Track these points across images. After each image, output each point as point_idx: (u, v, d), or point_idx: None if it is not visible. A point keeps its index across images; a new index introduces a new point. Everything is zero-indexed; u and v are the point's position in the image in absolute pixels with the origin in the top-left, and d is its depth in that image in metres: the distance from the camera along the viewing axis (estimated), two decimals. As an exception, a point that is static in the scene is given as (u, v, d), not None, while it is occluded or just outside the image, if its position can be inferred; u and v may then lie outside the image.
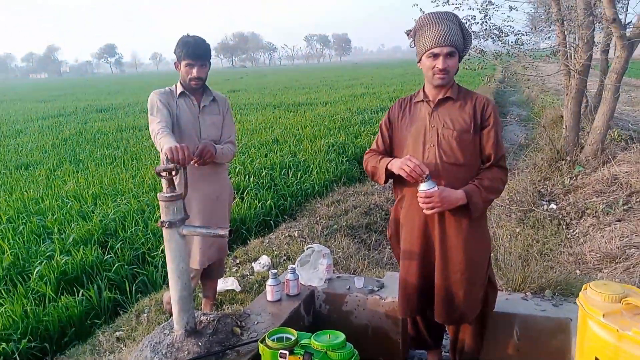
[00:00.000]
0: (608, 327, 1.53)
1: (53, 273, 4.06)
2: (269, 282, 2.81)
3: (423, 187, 2.17)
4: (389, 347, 2.88)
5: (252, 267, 4.02)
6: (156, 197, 5.91)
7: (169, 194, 2.23)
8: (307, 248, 3.17)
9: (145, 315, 3.41)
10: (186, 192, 2.30)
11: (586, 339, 1.63)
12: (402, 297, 2.44)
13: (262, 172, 7.06)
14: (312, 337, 2.20)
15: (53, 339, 3.49)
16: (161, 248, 4.49)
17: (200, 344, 2.35)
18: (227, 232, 2.20)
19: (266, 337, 2.25)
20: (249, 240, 4.85)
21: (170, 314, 3.43)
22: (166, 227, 2.26)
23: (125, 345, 2.93)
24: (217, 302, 3.44)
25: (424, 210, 2.19)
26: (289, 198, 6.21)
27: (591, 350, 1.60)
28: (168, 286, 3.98)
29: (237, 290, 3.60)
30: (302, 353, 2.12)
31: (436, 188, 2.15)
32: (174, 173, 2.25)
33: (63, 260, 4.23)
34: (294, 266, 2.93)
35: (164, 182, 2.88)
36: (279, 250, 4.35)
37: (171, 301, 2.36)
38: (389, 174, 2.32)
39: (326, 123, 11.61)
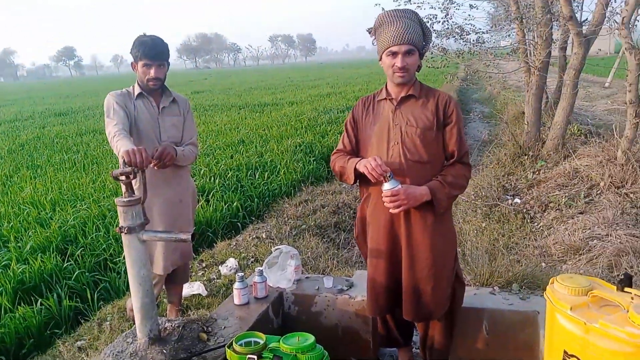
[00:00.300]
0: (576, 320, 1.53)
1: (9, 283, 3.88)
2: (236, 285, 2.75)
3: (387, 186, 2.15)
4: (359, 347, 2.85)
5: (219, 271, 3.93)
6: (118, 202, 5.76)
7: (127, 199, 2.14)
8: (275, 249, 3.11)
9: (107, 323, 3.29)
10: (145, 197, 2.21)
11: (554, 332, 1.63)
12: (371, 297, 2.41)
13: (228, 173, 6.96)
14: (280, 340, 2.15)
15: (10, 351, 3.33)
16: (123, 254, 4.34)
17: (164, 351, 2.26)
18: (190, 236, 2.12)
19: (233, 342, 2.19)
20: (215, 243, 4.76)
21: (134, 322, 3.32)
22: (125, 233, 2.17)
23: (87, 355, 2.81)
24: (183, 307, 3.34)
25: (390, 210, 2.16)
26: (256, 199, 6.13)
27: (560, 344, 1.60)
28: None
29: (204, 295, 3.51)
30: (271, 357, 2.07)
31: (399, 186, 2.13)
32: (131, 177, 2.16)
33: (20, 269, 4.06)
34: (261, 268, 2.87)
35: (122, 187, 2.77)
36: (246, 253, 4.27)
37: (133, 309, 2.27)
38: (358, 174, 2.30)
39: (292, 123, 11.56)
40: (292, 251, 3.06)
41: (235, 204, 5.76)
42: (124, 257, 4.34)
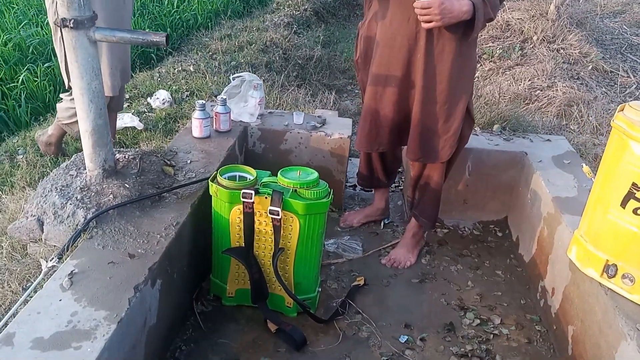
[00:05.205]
0: (661, 147, 1.37)
1: None
2: (196, 114, 2.29)
3: None
4: (331, 187, 2.61)
5: (149, 103, 3.35)
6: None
7: (71, -23, 1.52)
8: (235, 77, 2.64)
9: (21, 156, 2.67)
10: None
11: (624, 163, 1.46)
12: (370, 129, 2.11)
13: (130, -3, 5.89)
14: (279, 174, 1.81)
15: None
16: (21, 78, 3.53)
17: (127, 186, 1.83)
18: (164, 38, 1.61)
19: (218, 176, 1.81)
20: (133, 74, 4.05)
21: (51, 157, 2.73)
22: (71, 28, 1.58)
23: (4, 193, 2.26)
24: (117, 141, 2.81)
25: (423, 25, 1.77)
26: (168, 29, 5.32)
27: (629, 175, 1.45)
28: (40, 124, 3.19)
29: (139, 128, 2.97)
30: (270, 192, 1.74)
31: None
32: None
33: None
34: (224, 97, 2.41)
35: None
36: (177, 85, 3.68)
37: (81, 132, 1.76)
38: None
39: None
40: (255, 80, 2.61)
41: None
42: (21, 82, 3.56)
